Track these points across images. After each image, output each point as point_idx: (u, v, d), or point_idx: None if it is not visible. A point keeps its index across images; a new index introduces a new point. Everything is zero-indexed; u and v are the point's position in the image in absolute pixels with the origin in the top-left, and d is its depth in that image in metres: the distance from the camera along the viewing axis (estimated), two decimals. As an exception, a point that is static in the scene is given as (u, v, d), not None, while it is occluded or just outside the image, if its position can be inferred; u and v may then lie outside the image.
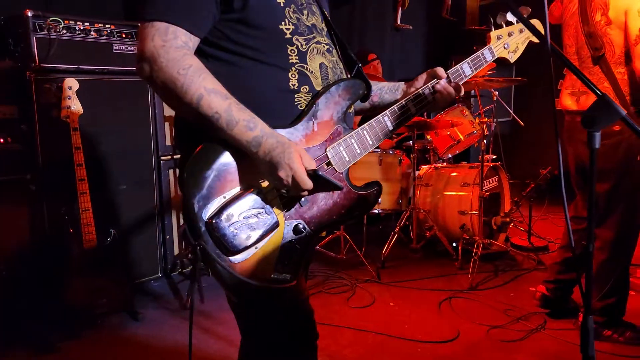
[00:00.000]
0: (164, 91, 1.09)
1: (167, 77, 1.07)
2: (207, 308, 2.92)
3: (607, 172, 2.36)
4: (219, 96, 1.09)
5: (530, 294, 3.00)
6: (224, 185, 1.12)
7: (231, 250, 1.11)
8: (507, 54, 1.50)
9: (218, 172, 1.12)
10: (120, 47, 3.03)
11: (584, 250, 1.18)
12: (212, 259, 1.09)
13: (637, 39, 2.16)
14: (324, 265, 3.67)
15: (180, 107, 1.10)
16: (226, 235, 1.10)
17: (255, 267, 1.14)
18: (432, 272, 3.55)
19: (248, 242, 1.13)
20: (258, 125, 1.12)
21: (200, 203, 1.09)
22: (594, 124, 1.05)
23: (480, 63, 1.47)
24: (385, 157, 3.99)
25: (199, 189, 1.09)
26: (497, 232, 3.94)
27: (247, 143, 1.11)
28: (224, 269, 1.11)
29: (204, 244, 1.09)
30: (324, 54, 1.30)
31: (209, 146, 1.12)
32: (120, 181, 3.13)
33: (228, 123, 1.09)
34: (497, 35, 1.49)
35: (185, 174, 1.09)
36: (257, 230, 1.13)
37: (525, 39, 1.52)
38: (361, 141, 1.30)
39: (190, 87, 1.07)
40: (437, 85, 1.42)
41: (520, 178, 5.42)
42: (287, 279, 1.18)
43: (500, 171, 4.00)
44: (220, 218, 1.10)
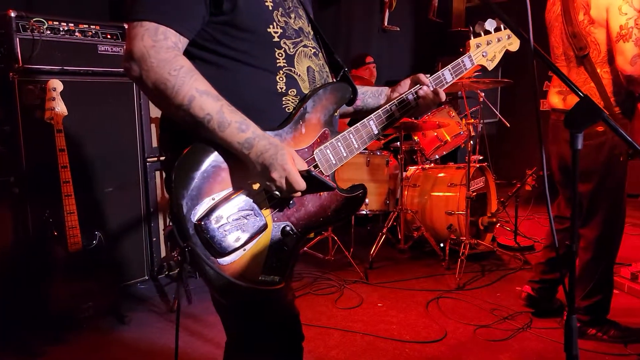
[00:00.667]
0: (154, 92, 1.08)
1: (157, 78, 1.06)
2: (194, 310, 2.90)
3: (589, 172, 2.39)
4: (211, 98, 1.09)
5: (516, 293, 3.03)
6: (212, 187, 1.12)
7: (220, 251, 1.11)
8: (485, 62, 1.55)
9: (207, 173, 1.11)
10: (105, 47, 3.01)
11: (568, 250, 1.19)
12: (201, 261, 1.09)
13: (618, 36, 2.17)
14: (312, 267, 3.67)
15: (170, 108, 1.09)
16: (215, 237, 1.10)
17: (244, 268, 1.14)
18: (420, 273, 3.57)
19: (237, 244, 1.12)
20: (250, 127, 1.11)
21: (189, 204, 1.08)
22: (576, 125, 1.06)
23: (461, 70, 1.52)
24: (373, 158, 4.00)
25: (188, 190, 1.08)
26: (484, 232, 3.97)
27: (239, 145, 1.10)
28: (213, 271, 1.10)
29: (193, 245, 1.08)
30: (311, 57, 1.30)
31: (198, 147, 1.12)
32: (105, 183, 3.10)
33: (220, 125, 1.09)
34: (476, 44, 1.53)
35: (174, 175, 1.08)
36: (246, 232, 1.13)
37: (502, 48, 1.57)
38: (347, 144, 1.32)
39: (182, 89, 1.06)
40: (420, 90, 1.45)
41: (507, 178, 5.48)
42: (276, 280, 1.18)
43: (486, 172, 4.04)
44: (209, 219, 1.09)
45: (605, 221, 2.43)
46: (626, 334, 2.52)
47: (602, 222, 2.44)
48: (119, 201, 3.15)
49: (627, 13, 2.15)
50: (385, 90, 1.54)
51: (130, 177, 3.22)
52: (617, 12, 2.17)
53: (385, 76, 5.75)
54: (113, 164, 3.12)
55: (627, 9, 2.15)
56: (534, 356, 2.43)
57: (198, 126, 1.09)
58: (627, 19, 2.15)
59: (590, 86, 2.33)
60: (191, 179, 1.09)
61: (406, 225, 3.98)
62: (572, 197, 1.14)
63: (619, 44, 2.18)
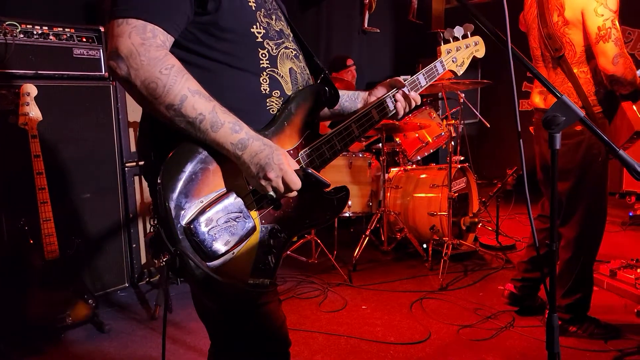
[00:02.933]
0: (143, 91, 1.05)
1: (147, 77, 1.04)
2: (176, 318, 2.88)
3: (568, 171, 2.43)
4: (203, 98, 1.08)
5: (498, 292, 3.06)
6: (201, 189, 1.11)
7: (210, 255, 1.10)
8: (455, 67, 1.61)
9: (195, 175, 1.10)
10: (81, 51, 2.97)
11: (548, 250, 1.21)
12: (191, 265, 1.08)
13: (597, 37, 2.21)
14: (295, 270, 3.66)
15: (158, 108, 1.06)
16: (205, 241, 1.09)
17: (233, 272, 1.14)
18: (403, 274, 3.59)
19: (227, 247, 1.12)
20: (243, 128, 1.11)
21: (178, 207, 1.07)
22: (554, 124, 1.08)
23: (434, 75, 1.57)
24: (355, 160, 4.01)
25: (176, 193, 1.07)
26: (466, 232, 4.01)
27: (232, 146, 1.10)
28: (204, 275, 1.09)
29: (183, 249, 1.07)
30: (292, 59, 1.31)
31: (186, 148, 1.10)
32: (83, 189, 3.05)
33: (213, 125, 1.08)
34: (446, 50, 1.59)
35: (161, 177, 1.06)
36: (235, 235, 1.13)
37: (470, 54, 1.64)
38: (331, 146, 1.33)
39: (173, 88, 1.05)
40: (397, 94, 1.49)
41: (488, 178, 5.55)
42: (266, 283, 1.18)
43: (468, 172, 4.08)
44: (198, 223, 1.08)
45: (584, 220, 2.47)
46: (606, 330, 2.57)
47: (580, 221, 2.48)
48: (97, 207, 3.11)
49: (604, 14, 2.19)
50: (361, 94, 1.57)
51: (108, 182, 3.18)
52: (593, 14, 2.21)
53: (366, 77, 5.79)
54: (90, 169, 3.08)
55: (602, 10, 2.19)
56: (517, 355, 2.46)
57: (189, 127, 1.08)
58: (603, 20, 2.19)
59: (567, 86, 2.38)
60: (179, 181, 1.08)
61: (389, 226, 4.00)
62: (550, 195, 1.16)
63: (599, 45, 2.21)
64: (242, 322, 1.28)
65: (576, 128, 2.37)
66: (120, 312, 3.02)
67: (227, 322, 1.28)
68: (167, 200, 1.06)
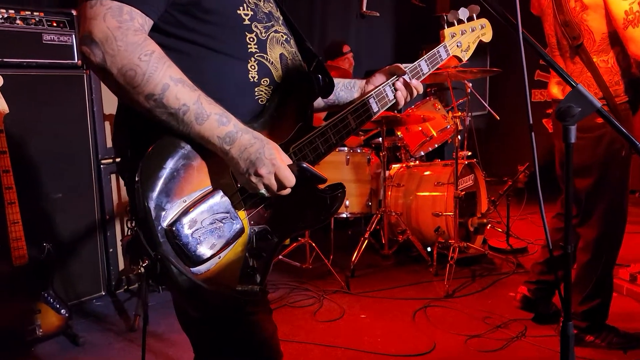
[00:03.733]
0: (120, 80, 1.04)
1: (125, 64, 1.02)
2: (157, 329, 2.87)
3: (588, 167, 2.44)
4: (187, 87, 1.07)
5: (509, 299, 3.08)
6: (183, 187, 1.10)
7: (194, 260, 1.09)
8: (459, 53, 1.60)
9: (177, 172, 1.09)
10: (51, 37, 2.95)
11: (562, 252, 1.22)
12: (173, 270, 1.07)
13: (626, 23, 2.20)
14: (287, 276, 3.66)
15: (137, 98, 1.05)
16: (189, 244, 1.08)
17: (220, 278, 1.13)
18: (406, 280, 3.60)
19: (213, 251, 1.11)
20: (231, 120, 1.11)
21: (158, 207, 1.06)
22: (568, 116, 1.08)
23: (437, 61, 1.55)
24: (353, 156, 4.01)
25: (156, 192, 1.06)
26: (474, 234, 4.02)
27: (219, 139, 1.09)
28: (187, 281, 1.08)
29: (164, 254, 1.06)
30: (283, 44, 1.30)
31: (167, 142, 1.09)
32: (54, 189, 3.04)
33: (198, 117, 1.07)
34: (450, 33, 1.57)
35: (140, 174, 1.05)
36: (222, 238, 1.12)
37: (475, 38, 1.62)
38: (325, 140, 1.32)
39: (154, 76, 1.04)
40: (397, 82, 1.47)
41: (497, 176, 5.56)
42: (255, 290, 1.17)
43: (475, 169, 4.09)
44: (181, 224, 1.07)
45: (605, 220, 2.48)
46: (625, 340, 2.58)
47: (601, 220, 2.49)
48: (70, 208, 3.10)
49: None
50: (358, 82, 1.56)
51: (82, 181, 3.17)
52: None
53: (364, 65, 5.78)
54: (62, 166, 3.06)
55: None
56: (530, 367, 2.47)
57: (171, 119, 1.07)
58: (630, 4, 2.18)
59: (586, 76, 2.38)
60: (159, 179, 1.07)
61: (390, 228, 4.01)
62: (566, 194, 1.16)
63: (628, 30, 2.20)
64: (229, 333, 1.28)
65: (596, 120, 2.37)
66: (96, 323, 3.01)
67: (212, 333, 1.28)
68: (146, 200, 1.05)
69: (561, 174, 2.69)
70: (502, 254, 4.02)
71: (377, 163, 4.15)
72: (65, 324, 2.69)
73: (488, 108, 4.82)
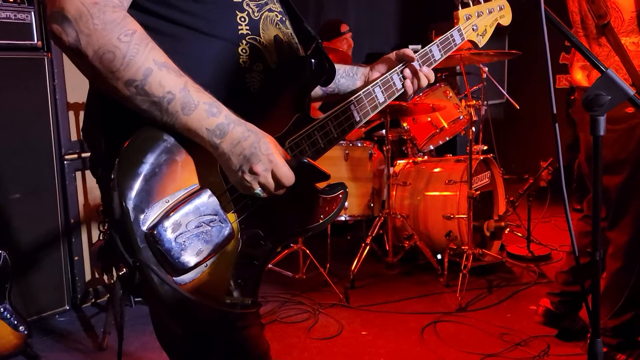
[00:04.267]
0: (95, 63, 1.03)
1: (102, 45, 1.02)
2: (129, 347, 2.86)
3: (619, 162, 2.44)
4: (173, 72, 1.07)
5: (530, 313, 3.09)
6: (166, 186, 1.10)
7: (178, 268, 1.09)
8: (475, 37, 1.60)
9: (159, 169, 1.09)
10: (7, 14, 2.94)
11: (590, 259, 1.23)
12: (154, 280, 1.07)
13: None
14: (278, 288, 3.67)
15: (115, 84, 1.05)
16: (172, 250, 1.08)
17: (207, 289, 1.13)
18: (413, 292, 3.61)
19: (199, 258, 1.11)
20: (222, 110, 1.11)
21: (138, 208, 1.06)
22: (597, 105, 1.09)
23: (450, 46, 1.56)
24: (353, 151, 4.02)
25: (135, 190, 1.06)
26: (491, 239, 4.04)
27: (208, 132, 1.09)
28: (170, 292, 1.08)
29: (144, 261, 1.06)
30: (277, 24, 1.30)
31: (147, 134, 1.09)
32: (11, 188, 3.03)
33: (184, 106, 1.07)
34: (465, 15, 1.57)
35: (117, 171, 1.05)
36: (209, 243, 1.12)
37: (493, 21, 1.63)
38: (325, 134, 1.32)
39: (135, 59, 1.04)
40: (405, 70, 1.47)
41: (517, 173, 5.58)
42: (247, 303, 1.18)
43: (492, 165, 4.10)
44: (164, 227, 1.07)
45: (638, 222, 2.49)
46: (661, 359, 2.60)
47: (633, 223, 2.49)
48: (30, 211, 3.09)
49: None
50: (361, 69, 1.56)
51: (44, 179, 3.16)
52: None
53: (365, 48, 5.79)
54: (20, 163, 3.05)
55: None
56: (553, 390, 2.49)
57: (153, 108, 1.07)
58: None
59: (614, 60, 2.39)
60: (139, 176, 1.07)
61: (395, 233, 4.02)
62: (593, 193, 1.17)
63: None
64: (217, 351, 1.28)
65: (627, 110, 2.38)
66: (60, 341, 3.01)
67: (197, 351, 1.28)
68: (124, 200, 1.05)
69: (588, 171, 2.70)
70: (523, 262, 4.03)
71: (380, 158, 4.15)
72: (24, 343, 2.69)
73: (506, 96, 4.84)
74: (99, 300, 3.42)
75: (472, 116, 3.79)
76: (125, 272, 1.07)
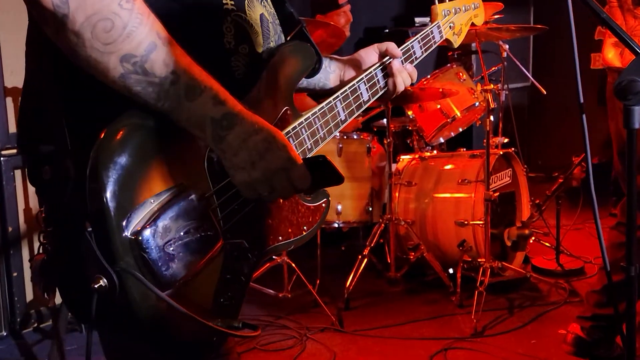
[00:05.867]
0: (85, 33, 1.02)
1: (98, 10, 1.02)
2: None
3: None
4: (177, 50, 1.08)
5: (559, 339, 3.10)
6: (151, 184, 1.11)
7: (164, 281, 1.10)
8: (451, 36, 1.69)
9: (144, 164, 1.10)
10: None
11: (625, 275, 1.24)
12: (133, 295, 1.07)
13: None
14: (258, 309, 3.67)
15: (106, 59, 1.05)
16: (159, 260, 1.09)
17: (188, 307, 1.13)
18: (419, 313, 3.62)
19: (187, 270, 1.12)
20: (228, 97, 1.12)
21: (121, 210, 1.06)
22: (631, 93, 1.10)
23: (430, 44, 1.65)
24: (348, 145, 4.02)
25: (117, 188, 1.06)
26: (512, 250, 4.05)
27: (213, 122, 1.11)
28: (152, 310, 1.09)
29: (129, 270, 1.06)
30: (263, 2, 1.33)
31: (127, 124, 1.09)
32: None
33: (189, 89, 1.08)
34: (444, 11, 1.66)
35: (94, 164, 1.05)
36: (195, 254, 1.14)
37: (468, 20, 1.73)
38: (312, 132, 1.35)
39: (138, 30, 1.04)
40: (390, 66, 1.54)
41: (544, 170, 5.59)
42: (233, 325, 1.19)
43: (514, 161, 4.12)
44: (151, 233, 1.08)
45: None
46: None
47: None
48: (-42, 218, 3.09)
49: None
50: (335, 62, 1.62)
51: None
52: None
53: (363, 22, 5.78)
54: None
55: None
56: None
57: (149, 90, 1.08)
58: None
59: (653, 35, 2.41)
60: (121, 171, 1.07)
61: (398, 243, 4.02)
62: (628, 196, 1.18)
63: None
64: None
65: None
66: (-5, 374, 3.01)
67: None
68: (104, 198, 1.05)
69: (621, 170, 2.71)
70: (550, 277, 4.05)
71: (380, 153, 4.16)
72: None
73: (531, 79, 4.85)
74: (42, 325, 3.41)
75: (490, 103, 3.80)
76: (102, 284, 1.06)
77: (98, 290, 1.05)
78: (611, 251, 2.71)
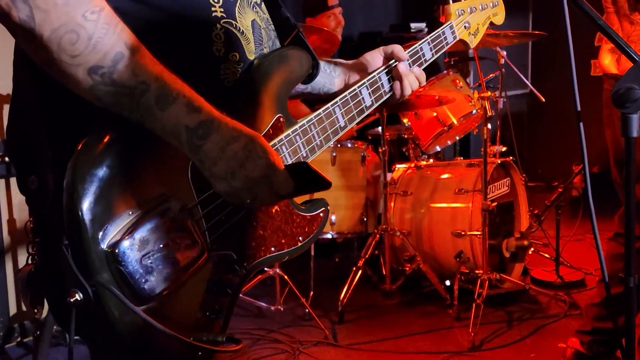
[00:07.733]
0: (52, 46, 1.03)
1: (63, 23, 1.02)
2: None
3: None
4: (147, 58, 1.08)
5: (559, 352, 3.11)
6: (130, 195, 1.12)
7: (141, 295, 1.10)
8: (467, 37, 1.67)
9: (123, 175, 1.11)
10: None
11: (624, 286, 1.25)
12: (110, 310, 1.07)
13: None
14: (249, 322, 3.67)
15: (74, 71, 1.05)
16: (136, 273, 1.09)
17: (171, 323, 1.14)
18: (416, 326, 3.61)
19: (166, 284, 1.12)
20: (203, 105, 1.12)
21: (97, 221, 1.07)
22: (628, 101, 1.11)
23: (441, 45, 1.62)
24: (342, 153, 4.03)
25: (93, 200, 1.07)
26: (511, 261, 4.05)
27: (188, 131, 1.10)
28: (130, 326, 1.09)
29: (105, 285, 1.06)
30: (254, 7, 1.33)
31: (105, 135, 1.10)
32: None
33: (160, 99, 1.08)
34: (458, 10, 1.64)
35: (71, 176, 1.06)
36: (177, 267, 1.14)
37: (486, 19, 1.71)
38: (308, 140, 1.36)
39: (104, 41, 1.04)
40: (395, 70, 1.54)
41: (544, 179, 5.61)
42: (220, 340, 1.19)
43: (512, 170, 4.12)
44: (127, 246, 1.08)
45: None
46: None
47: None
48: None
49: None
50: (339, 67, 1.61)
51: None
52: None
53: (358, 26, 5.79)
54: None
55: None
56: None
57: (120, 101, 1.07)
58: None
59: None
60: (98, 182, 1.07)
61: (393, 254, 4.02)
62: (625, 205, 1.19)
63: None
64: None
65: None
66: (-23, 390, 3.00)
67: None
68: (79, 212, 1.05)
69: (618, 178, 2.72)
70: (550, 289, 4.05)
71: (375, 162, 4.17)
72: None
73: (530, 86, 4.87)
74: (26, 340, 3.40)
75: (488, 110, 3.81)
76: (78, 298, 1.06)
77: (74, 304, 1.05)
78: (610, 263, 2.72)
